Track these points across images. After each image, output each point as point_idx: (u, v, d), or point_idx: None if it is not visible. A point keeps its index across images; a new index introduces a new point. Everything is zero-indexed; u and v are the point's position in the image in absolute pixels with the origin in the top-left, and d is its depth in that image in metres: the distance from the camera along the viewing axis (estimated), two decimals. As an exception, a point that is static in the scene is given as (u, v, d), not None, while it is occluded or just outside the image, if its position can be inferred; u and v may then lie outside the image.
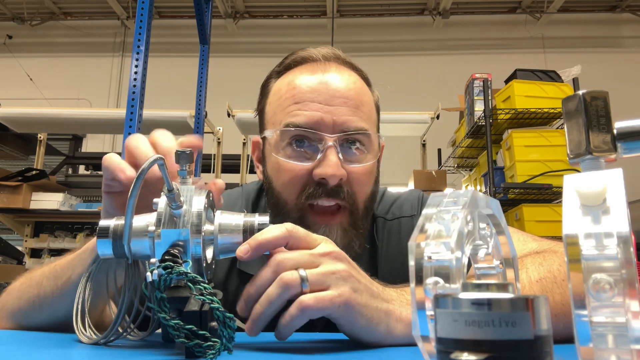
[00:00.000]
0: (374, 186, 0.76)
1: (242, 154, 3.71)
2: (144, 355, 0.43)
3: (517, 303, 0.25)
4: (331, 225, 0.71)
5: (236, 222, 0.49)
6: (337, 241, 0.66)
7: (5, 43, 6.28)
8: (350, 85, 0.74)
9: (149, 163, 0.44)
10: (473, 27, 6.11)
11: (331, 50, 0.78)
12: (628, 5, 5.88)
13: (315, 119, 0.70)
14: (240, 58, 6.09)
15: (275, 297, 0.47)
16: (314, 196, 0.70)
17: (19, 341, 0.54)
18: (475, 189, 0.41)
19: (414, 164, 3.98)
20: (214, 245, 0.48)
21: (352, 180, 0.71)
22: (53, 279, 0.60)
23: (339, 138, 0.70)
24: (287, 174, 0.71)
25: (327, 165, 0.68)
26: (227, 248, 0.49)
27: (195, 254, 0.45)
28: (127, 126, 1.78)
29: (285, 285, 0.47)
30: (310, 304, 0.46)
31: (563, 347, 0.41)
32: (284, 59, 0.80)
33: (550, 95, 2.72)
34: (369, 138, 0.74)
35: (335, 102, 0.71)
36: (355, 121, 0.71)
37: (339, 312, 0.48)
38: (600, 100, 0.33)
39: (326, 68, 0.75)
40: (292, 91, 0.74)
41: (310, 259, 0.49)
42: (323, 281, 0.48)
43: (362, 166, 0.72)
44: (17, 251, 3.52)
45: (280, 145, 0.73)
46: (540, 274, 0.56)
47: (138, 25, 1.91)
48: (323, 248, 0.51)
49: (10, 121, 3.59)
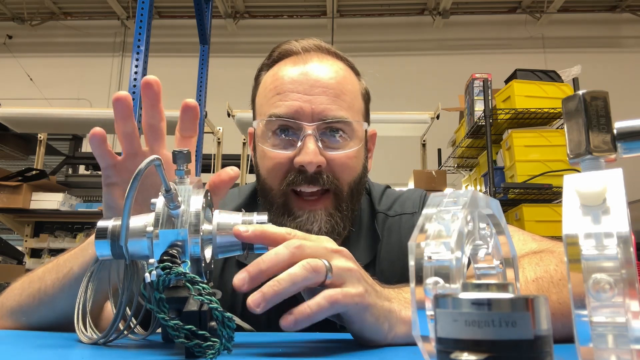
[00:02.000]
0: (360, 172, 0.78)
1: (242, 154, 3.71)
2: (144, 356, 0.43)
3: (517, 303, 0.25)
4: (315, 210, 0.73)
5: (234, 221, 0.49)
6: (321, 225, 0.72)
7: (5, 43, 6.28)
8: (331, 74, 0.76)
9: (146, 163, 0.44)
10: (473, 27, 6.11)
11: (313, 42, 0.80)
12: (628, 5, 5.88)
13: (294, 109, 0.73)
14: (240, 58, 6.08)
15: (301, 279, 0.45)
16: (295, 183, 0.73)
17: (19, 341, 0.54)
18: (475, 189, 0.41)
19: (414, 164, 3.98)
20: (212, 244, 0.48)
21: (335, 166, 0.74)
22: (54, 272, 0.61)
23: (319, 126, 0.73)
24: (270, 162, 0.75)
25: (305, 153, 0.71)
26: (226, 247, 0.49)
27: (194, 254, 0.45)
28: (127, 126, 1.77)
29: (314, 270, 0.45)
30: (339, 299, 0.46)
31: (563, 347, 0.41)
32: (272, 51, 0.82)
33: (550, 95, 2.72)
34: (350, 126, 0.75)
35: (315, 92, 0.74)
36: (334, 110, 0.74)
37: (354, 310, 0.48)
38: (600, 100, 0.33)
39: (307, 59, 0.77)
40: (275, 83, 0.77)
41: (325, 252, 0.48)
42: (342, 276, 0.48)
43: (344, 152, 0.75)
44: (17, 251, 3.52)
45: (266, 135, 0.76)
46: (536, 274, 0.57)
47: (138, 25, 1.91)
48: (332, 245, 0.50)
49: (10, 121, 3.59)
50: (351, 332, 0.52)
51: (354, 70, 0.82)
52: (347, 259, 0.50)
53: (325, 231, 0.72)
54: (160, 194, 0.45)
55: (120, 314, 0.48)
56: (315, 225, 0.72)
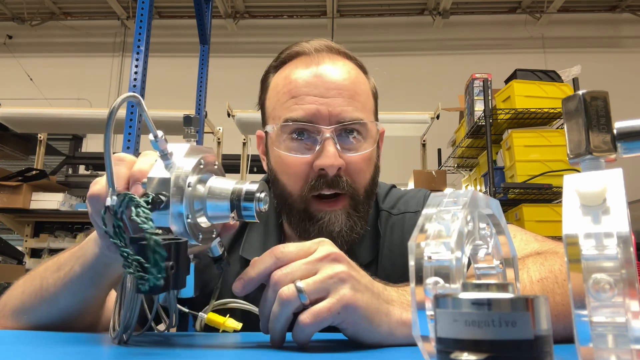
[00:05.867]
0: (373, 171, 0.79)
1: (242, 154, 3.71)
2: (141, 354, 0.43)
3: (517, 303, 0.25)
4: (335, 210, 0.73)
5: (226, 187, 0.50)
6: (342, 225, 0.72)
7: (5, 43, 6.28)
8: (344, 75, 0.76)
9: (121, 100, 0.45)
10: (473, 27, 6.11)
11: (323, 42, 0.80)
12: (628, 5, 5.88)
13: (312, 112, 0.73)
14: (240, 58, 6.08)
15: (279, 313, 0.48)
16: (316, 188, 0.72)
17: (17, 341, 0.54)
18: (475, 189, 0.41)
19: (414, 164, 3.98)
20: (203, 209, 0.49)
21: (351, 169, 0.74)
22: (56, 270, 0.61)
23: (336, 129, 0.73)
24: (289, 167, 0.74)
25: (326, 157, 0.71)
26: (216, 214, 0.50)
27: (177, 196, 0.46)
28: (127, 126, 1.78)
29: (284, 301, 0.48)
30: (307, 322, 0.47)
31: (563, 347, 0.41)
32: (280, 53, 0.82)
33: (550, 95, 2.72)
34: (365, 127, 0.76)
35: (330, 94, 0.73)
36: (350, 111, 0.74)
37: (340, 317, 0.48)
38: (600, 100, 0.33)
39: (320, 60, 0.77)
40: (289, 86, 0.76)
41: (306, 267, 0.50)
42: (322, 288, 0.48)
43: (360, 154, 0.75)
44: (17, 251, 3.51)
45: (281, 138, 0.75)
46: (541, 274, 0.56)
47: (138, 25, 1.91)
48: (320, 252, 0.51)
49: (10, 121, 3.59)
50: (346, 336, 0.52)
51: (363, 69, 0.83)
52: (335, 262, 0.50)
53: (346, 230, 0.72)
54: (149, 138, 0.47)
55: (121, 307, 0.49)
56: (337, 225, 0.72)
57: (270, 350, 0.48)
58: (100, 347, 0.50)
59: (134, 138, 1.71)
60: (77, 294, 0.59)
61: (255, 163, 3.70)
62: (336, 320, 0.48)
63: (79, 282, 0.58)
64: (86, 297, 0.59)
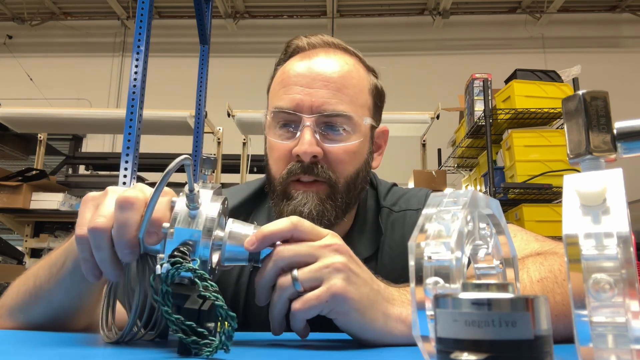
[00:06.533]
0: (360, 166, 0.79)
1: (242, 154, 3.70)
2: (138, 354, 0.43)
3: (517, 303, 0.25)
4: (308, 191, 0.75)
5: (245, 232, 0.51)
6: (311, 208, 0.73)
7: (5, 43, 6.28)
8: (334, 68, 0.77)
9: (176, 163, 0.44)
10: (473, 27, 6.11)
11: (321, 37, 0.82)
12: (628, 5, 5.88)
13: (295, 102, 0.75)
14: (240, 58, 6.08)
15: (277, 300, 0.50)
16: (293, 172, 0.75)
17: (18, 341, 0.54)
18: (475, 189, 0.41)
19: (414, 164, 3.97)
20: (221, 251, 0.50)
21: (331, 159, 0.75)
22: (47, 267, 0.61)
23: (318, 119, 0.74)
24: (274, 152, 0.78)
25: (301, 143, 0.73)
26: (234, 256, 0.51)
27: (203, 256, 0.46)
28: (127, 126, 1.77)
29: (280, 288, 0.50)
30: (297, 308, 0.49)
31: (563, 347, 0.41)
32: (287, 46, 0.85)
33: (550, 95, 2.72)
34: (351, 120, 0.76)
35: (316, 85, 0.75)
36: (334, 103, 0.75)
37: (329, 306, 0.49)
38: (600, 100, 0.33)
39: (314, 54, 0.79)
40: (282, 76, 0.79)
41: (308, 250, 0.50)
42: (315, 277, 0.49)
43: (341, 145, 0.76)
44: (17, 251, 3.51)
45: (272, 125, 0.79)
46: (541, 274, 0.57)
47: (138, 25, 1.91)
48: (325, 241, 0.52)
49: (10, 121, 3.59)
50: (341, 329, 0.52)
51: (365, 65, 0.83)
52: (336, 253, 0.51)
53: (315, 214, 0.73)
54: (182, 193, 0.47)
55: (136, 311, 0.49)
56: (307, 207, 0.73)
57: (270, 348, 0.48)
58: (100, 347, 0.50)
59: (134, 138, 1.71)
60: (70, 290, 0.59)
61: (255, 163, 3.70)
62: (325, 309, 0.49)
63: (71, 277, 0.57)
64: (80, 292, 0.59)
